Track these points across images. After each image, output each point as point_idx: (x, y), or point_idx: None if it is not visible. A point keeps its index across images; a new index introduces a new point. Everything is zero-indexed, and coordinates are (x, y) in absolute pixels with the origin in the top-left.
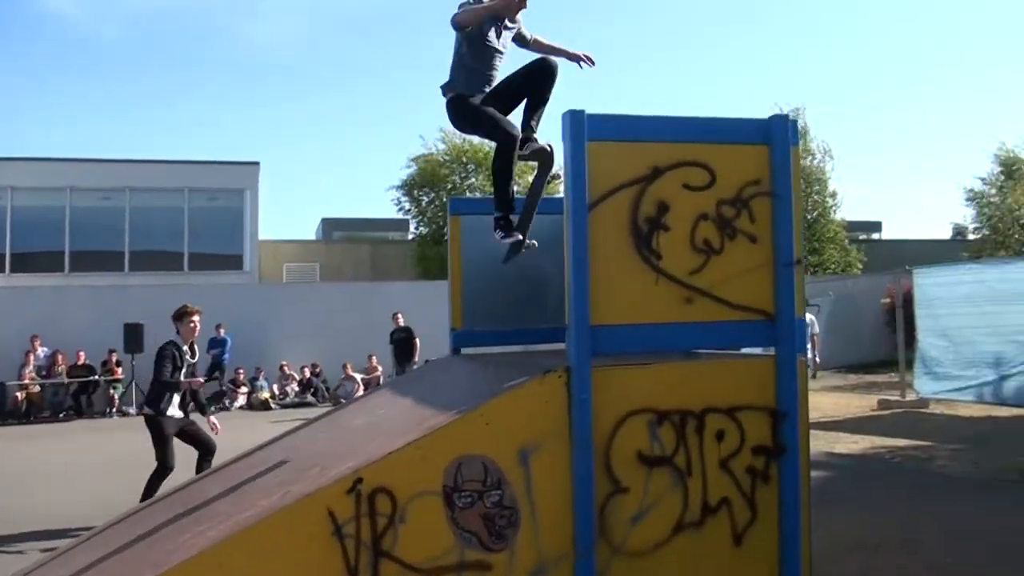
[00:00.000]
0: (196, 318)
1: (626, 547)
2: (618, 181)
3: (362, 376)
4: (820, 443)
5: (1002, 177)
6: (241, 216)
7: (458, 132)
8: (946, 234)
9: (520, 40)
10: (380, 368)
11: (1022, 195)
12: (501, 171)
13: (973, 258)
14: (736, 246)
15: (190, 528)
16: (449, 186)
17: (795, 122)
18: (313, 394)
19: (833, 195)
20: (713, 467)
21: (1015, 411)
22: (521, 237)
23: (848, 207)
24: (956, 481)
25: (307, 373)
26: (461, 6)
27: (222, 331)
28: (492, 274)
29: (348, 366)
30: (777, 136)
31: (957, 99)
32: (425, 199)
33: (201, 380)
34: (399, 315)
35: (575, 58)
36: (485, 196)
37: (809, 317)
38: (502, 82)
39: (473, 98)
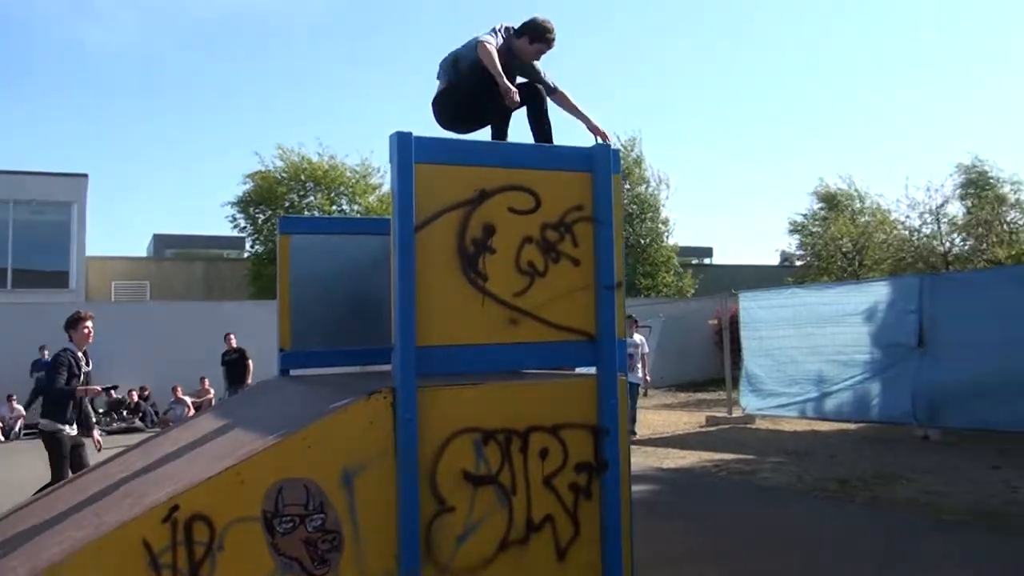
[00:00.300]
0: (89, 324)
1: (453, 566)
2: (445, 203)
3: (193, 399)
4: (650, 459)
5: (823, 210)
6: (68, 230)
7: (295, 150)
8: (775, 260)
9: (546, 88)
10: (212, 391)
11: (843, 225)
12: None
13: (797, 283)
14: (560, 269)
15: None
16: (287, 204)
17: (616, 151)
18: (141, 418)
19: (666, 222)
20: (537, 484)
21: (835, 425)
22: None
23: (681, 233)
24: (778, 492)
25: (135, 396)
26: (490, 38)
27: (46, 353)
28: (322, 294)
29: (178, 389)
30: (599, 164)
31: (782, 130)
32: (262, 217)
33: (98, 388)
34: (231, 336)
35: (593, 130)
36: (318, 216)
37: (639, 338)
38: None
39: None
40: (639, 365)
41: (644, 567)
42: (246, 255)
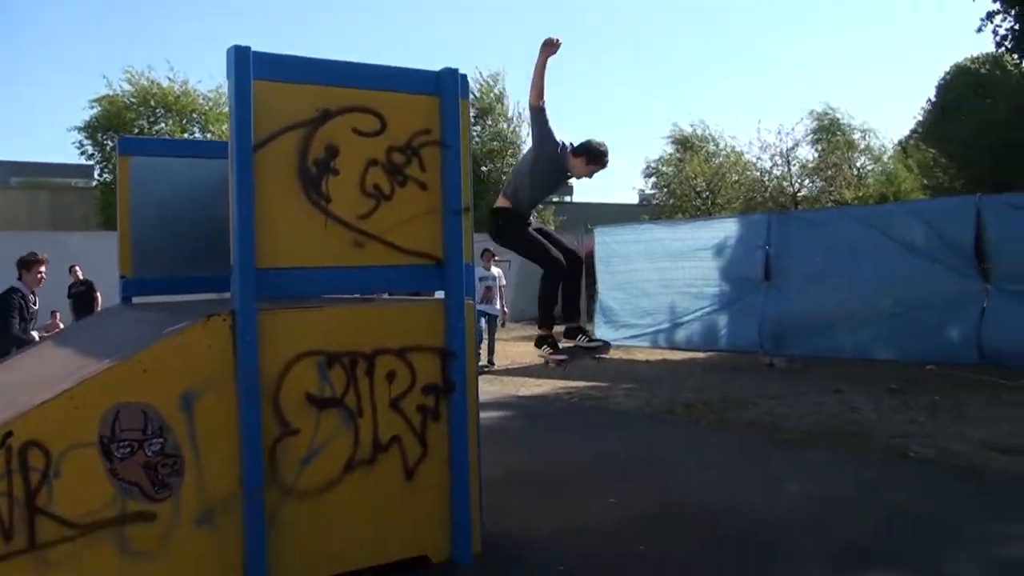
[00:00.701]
0: (43, 268)
1: (297, 488)
2: (286, 122)
3: (41, 334)
4: (507, 387)
5: (678, 153)
6: None
7: (145, 73)
8: (633, 200)
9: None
10: (62, 325)
11: (698, 165)
12: (545, 297)
13: (652, 220)
14: (406, 193)
15: None
16: (136, 131)
17: (464, 76)
18: None
19: None
20: (384, 407)
21: (686, 355)
22: (566, 357)
23: None
24: (627, 416)
25: None
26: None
27: None
28: (166, 219)
29: None
30: (447, 89)
31: (642, 70)
32: (110, 143)
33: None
34: (77, 268)
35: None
36: (163, 137)
37: (497, 271)
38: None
39: (523, 219)
40: (497, 297)
41: (493, 486)
42: (95, 184)
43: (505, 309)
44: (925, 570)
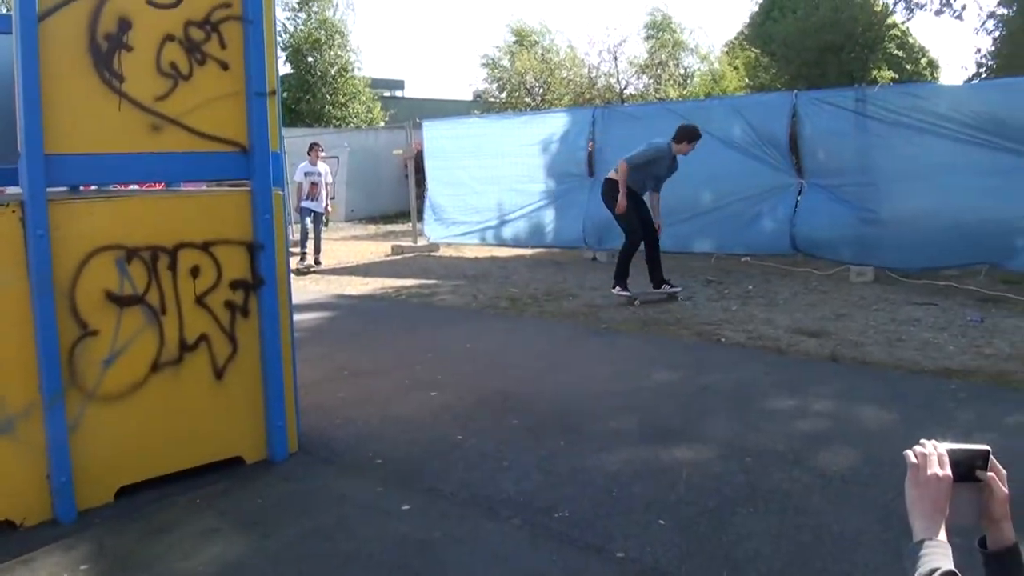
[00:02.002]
0: None
1: (100, 391)
2: None
3: None
4: (333, 287)
5: (515, 45)
6: None
7: None
8: (468, 96)
9: None
10: None
11: (528, 61)
12: (622, 262)
13: (482, 114)
14: (206, 73)
15: None
16: None
17: None
18: None
19: (356, 50)
20: (189, 304)
21: (513, 251)
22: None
23: (372, 66)
24: (453, 311)
25: None
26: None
27: None
28: None
29: None
30: None
31: None
32: None
33: None
34: None
35: None
36: None
37: (323, 167)
38: None
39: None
40: (323, 193)
41: (311, 385)
42: None
43: (329, 208)
44: (727, 444)
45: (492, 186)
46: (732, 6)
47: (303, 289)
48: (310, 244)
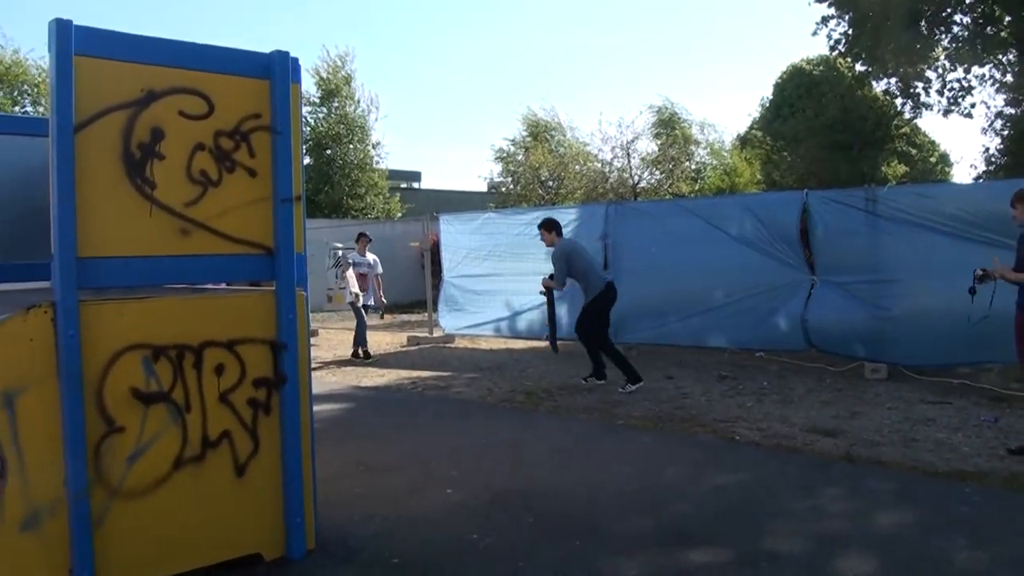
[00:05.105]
0: None
1: (124, 488)
2: (109, 102)
3: None
4: (348, 378)
5: (529, 139)
6: None
7: None
8: (483, 187)
9: None
10: None
11: (542, 155)
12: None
13: (496, 209)
14: (235, 179)
15: None
16: None
17: (296, 60)
18: None
19: (376, 145)
20: (213, 401)
21: (527, 343)
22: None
23: (390, 158)
24: (469, 405)
25: None
26: None
27: None
28: None
29: None
30: (277, 72)
31: (492, 63)
32: None
33: None
34: None
35: None
36: None
37: (373, 256)
38: None
39: None
40: (372, 284)
41: (328, 481)
42: None
43: (383, 299)
44: (744, 547)
45: (506, 278)
46: (742, 99)
47: (320, 380)
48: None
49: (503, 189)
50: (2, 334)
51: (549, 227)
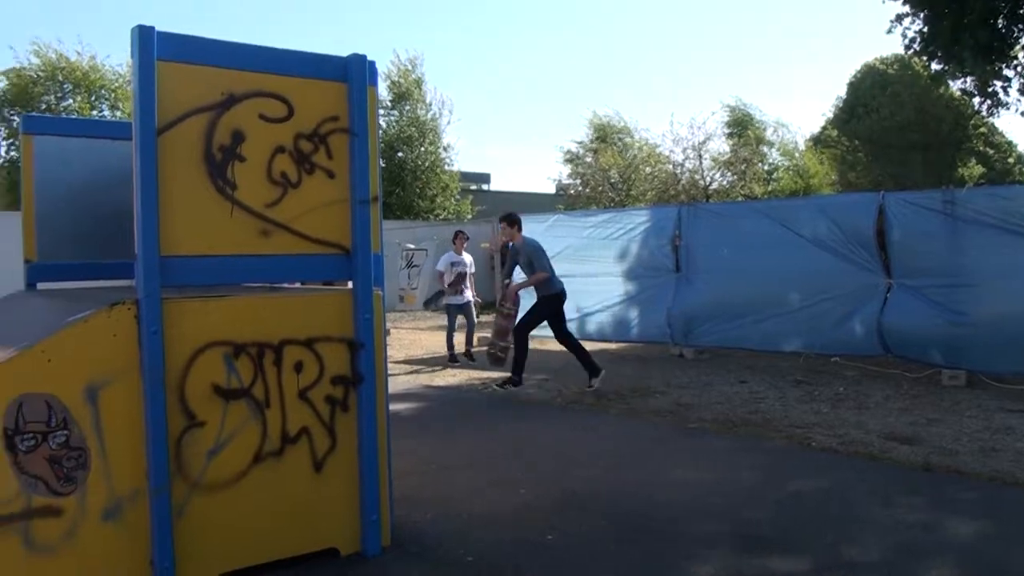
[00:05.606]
0: None
1: (205, 480)
2: (190, 106)
3: None
4: (421, 378)
5: (596, 142)
6: None
7: (52, 45)
8: (550, 189)
9: None
10: None
11: (612, 157)
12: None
13: (566, 210)
14: (314, 181)
15: None
16: (43, 106)
17: (373, 63)
18: None
19: (448, 148)
20: (292, 397)
21: (598, 345)
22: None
23: (460, 159)
24: (538, 407)
25: None
26: None
27: None
28: (72, 203)
29: None
30: (355, 75)
31: (561, 63)
32: (16, 119)
33: None
34: None
35: None
36: (68, 116)
37: (468, 256)
38: None
39: None
40: (467, 284)
41: (402, 477)
42: (0, 161)
43: (477, 298)
44: (822, 555)
45: (576, 280)
46: (815, 99)
47: (393, 380)
48: (461, 337)
49: (571, 191)
50: (86, 329)
51: (514, 222)
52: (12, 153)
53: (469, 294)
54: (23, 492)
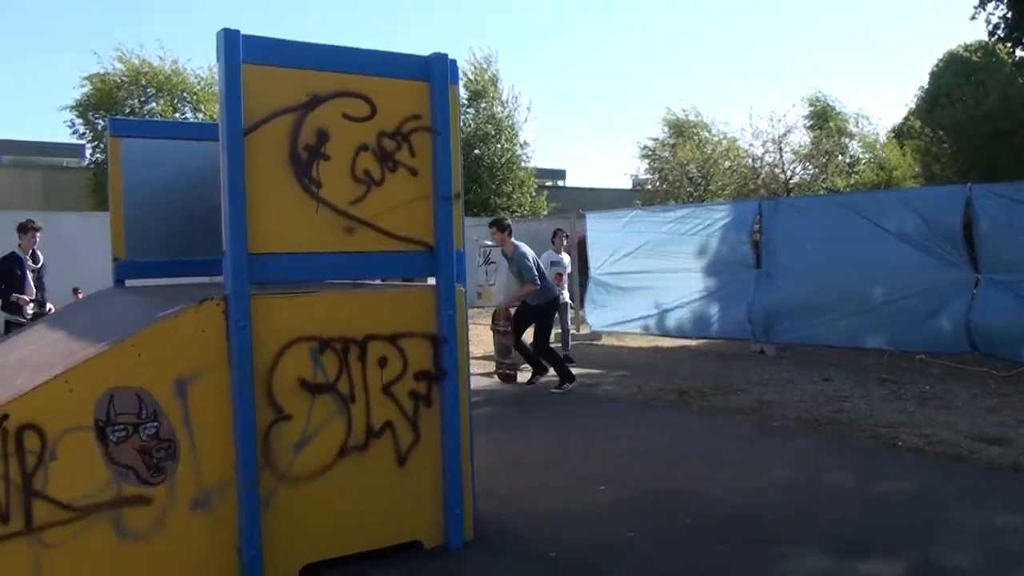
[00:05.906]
0: (39, 233)
1: (291, 473)
2: (276, 107)
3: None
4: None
5: (672, 138)
6: None
7: (135, 51)
8: (627, 185)
9: None
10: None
11: (690, 151)
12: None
13: (643, 206)
14: (397, 178)
15: None
16: (127, 110)
17: (454, 61)
18: None
19: (524, 145)
20: (376, 392)
21: (677, 341)
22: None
23: (536, 155)
24: (618, 403)
25: None
26: None
27: None
28: (158, 202)
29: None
30: (436, 74)
31: (636, 58)
32: (101, 123)
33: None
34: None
35: None
36: (153, 119)
37: (567, 257)
38: None
39: None
40: (566, 284)
41: (483, 472)
42: (86, 163)
43: (570, 299)
44: (912, 559)
45: (654, 276)
46: (896, 90)
47: (473, 376)
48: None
49: (649, 186)
50: (176, 325)
51: (504, 228)
52: (97, 155)
53: (566, 294)
54: (113, 481)
